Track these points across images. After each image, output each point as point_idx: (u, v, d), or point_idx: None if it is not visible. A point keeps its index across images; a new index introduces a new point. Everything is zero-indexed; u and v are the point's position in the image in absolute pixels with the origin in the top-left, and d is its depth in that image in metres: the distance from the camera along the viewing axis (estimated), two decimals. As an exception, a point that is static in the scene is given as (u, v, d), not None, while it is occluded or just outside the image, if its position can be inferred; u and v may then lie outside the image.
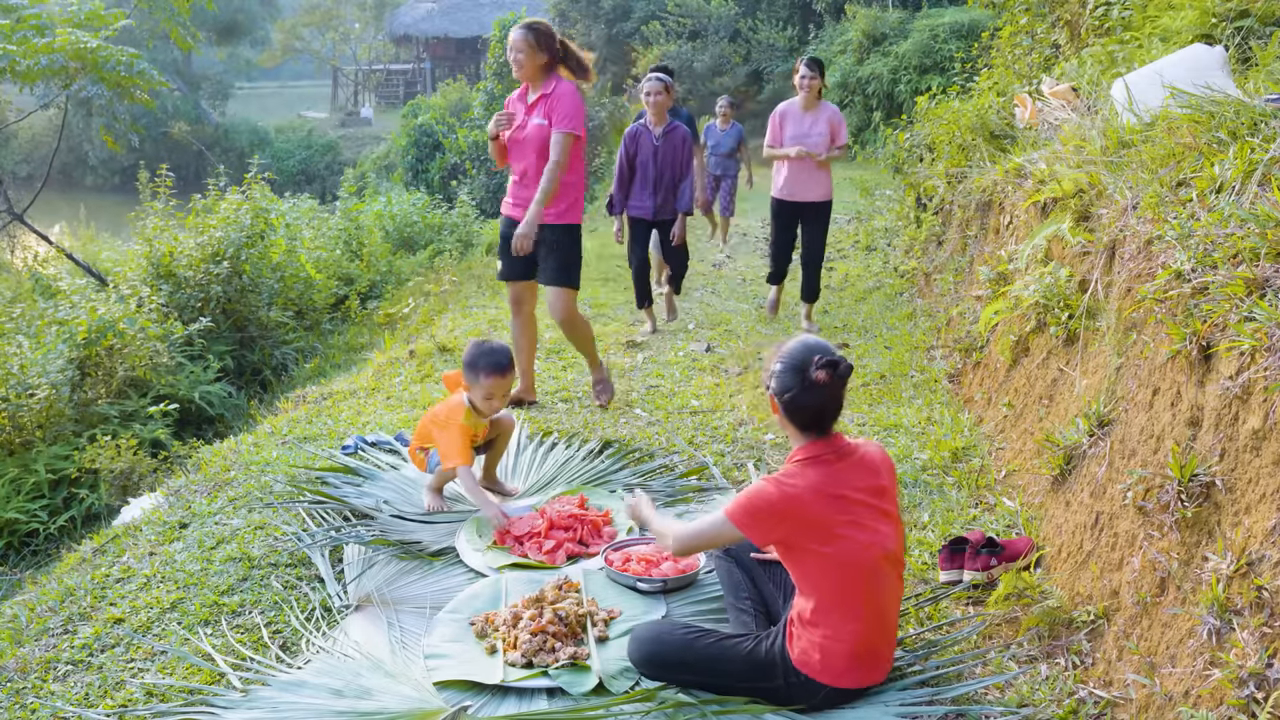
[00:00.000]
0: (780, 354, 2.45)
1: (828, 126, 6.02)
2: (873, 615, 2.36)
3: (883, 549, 2.35)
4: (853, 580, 2.33)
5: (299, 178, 26.35)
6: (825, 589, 2.34)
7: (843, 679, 2.37)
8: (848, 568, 2.32)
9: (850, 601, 2.33)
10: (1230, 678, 1.88)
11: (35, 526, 5.06)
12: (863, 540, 2.33)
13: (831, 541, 2.31)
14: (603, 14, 23.09)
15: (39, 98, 14.20)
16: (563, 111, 4.35)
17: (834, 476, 2.36)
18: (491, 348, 3.59)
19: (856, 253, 9.12)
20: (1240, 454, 2.11)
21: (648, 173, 6.05)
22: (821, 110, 6.06)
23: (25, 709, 2.55)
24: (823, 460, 2.38)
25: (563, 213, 4.51)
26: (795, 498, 2.32)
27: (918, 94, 9.20)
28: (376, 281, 10.90)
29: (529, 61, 4.36)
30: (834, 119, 6.06)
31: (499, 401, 3.61)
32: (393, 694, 2.52)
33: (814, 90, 5.99)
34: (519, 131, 4.50)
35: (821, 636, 2.34)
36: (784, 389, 2.39)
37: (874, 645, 2.38)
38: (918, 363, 5.22)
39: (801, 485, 2.33)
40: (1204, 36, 3.97)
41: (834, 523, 2.32)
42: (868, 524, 2.35)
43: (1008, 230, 4.64)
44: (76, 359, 6.02)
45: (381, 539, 3.36)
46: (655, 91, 5.95)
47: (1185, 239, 2.53)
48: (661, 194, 6.06)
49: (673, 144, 5.99)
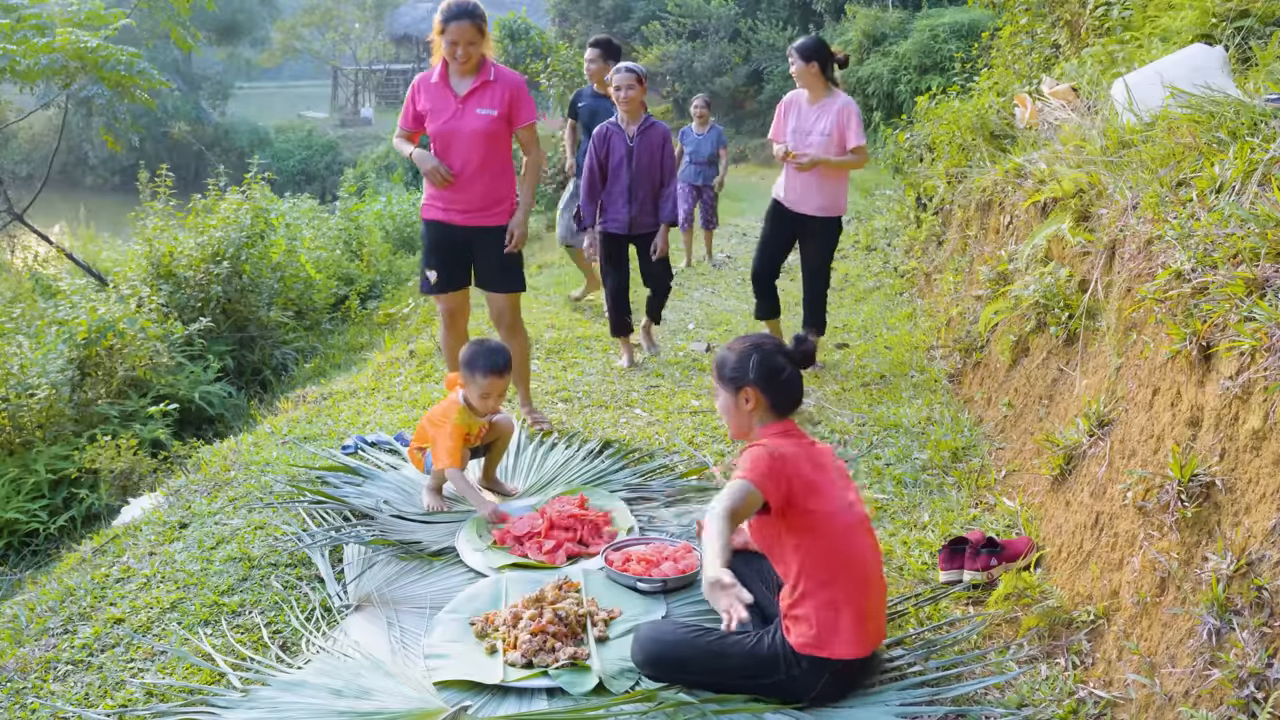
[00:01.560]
0: (746, 345, 2.58)
1: (835, 123, 4.92)
2: (860, 579, 2.43)
3: (856, 513, 2.50)
4: (843, 538, 2.43)
5: (299, 178, 26.32)
6: (816, 553, 2.41)
7: (843, 648, 2.38)
8: (837, 525, 2.42)
9: (837, 561, 2.41)
10: (1230, 678, 1.89)
11: (35, 526, 5.06)
12: (843, 502, 2.47)
13: (820, 499, 2.42)
14: (603, 14, 23.09)
15: (39, 98, 14.19)
16: (527, 103, 4.10)
17: (807, 446, 2.52)
18: (490, 347, 3.59)
19: (856, 253, 9.12)
20: (1240, 454, 2.11)
21: (621, 179, 5.24)
22: (829, 103, 4.97)
23: (25, 709, 2.55)
24: (794, 433, 2.55)
25: (507, 210, 4.19)
26: (787, 456, 2.44)
27: (918, 94, 9.20)
28: (376, 281, 10.89)
29: (478, 50, 4.01)
30: (843, 114, 4.93)
31: (495, 402, 3.61)
32: (393, 694, 2.52)
33: (814, 78, 4.96)
34: (454, 122, 4.07)
35: (814, 606, 2.39)
36: (769, 374, 2.51)
37: (866, 606, 2.42)
38: (918, 363, 5.22)
39: (787, 447, 2.47)
40: (1204, 36, 3.97)
41: (819, 481, 2.44)
42: (841, 489, 2.50)
43: (1008, 230, 4.64)
44: (76, 359, 6.02)
45: (381, 539, 3.37)
46: (626, 85, 5.16)
47: (1185, 239, 2.53)
48: (638, 203, 5.27)
49: (650, 144, 5.21)
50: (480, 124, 4.05)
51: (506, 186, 4.20)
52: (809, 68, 4.94)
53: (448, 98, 4.08)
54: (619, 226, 5.32)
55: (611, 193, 5.30)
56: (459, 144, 4.09)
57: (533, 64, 16.21)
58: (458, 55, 3.99)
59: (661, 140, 5.25)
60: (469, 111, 4.05)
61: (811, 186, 5.03)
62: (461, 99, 4.06)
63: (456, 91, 4.08)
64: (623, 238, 5.38)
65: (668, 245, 5.39)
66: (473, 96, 4.06)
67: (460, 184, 4.13)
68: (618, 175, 5.26)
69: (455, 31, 3.95)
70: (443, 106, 4.09)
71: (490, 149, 4.10)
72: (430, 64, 4.20)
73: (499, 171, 4.17)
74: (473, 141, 4.07)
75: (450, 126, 4.07)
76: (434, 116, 4.10)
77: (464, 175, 4.12)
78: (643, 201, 5.27)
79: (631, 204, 5.27)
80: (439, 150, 4.12)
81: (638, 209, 5.28)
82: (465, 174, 4.12)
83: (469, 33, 3.95)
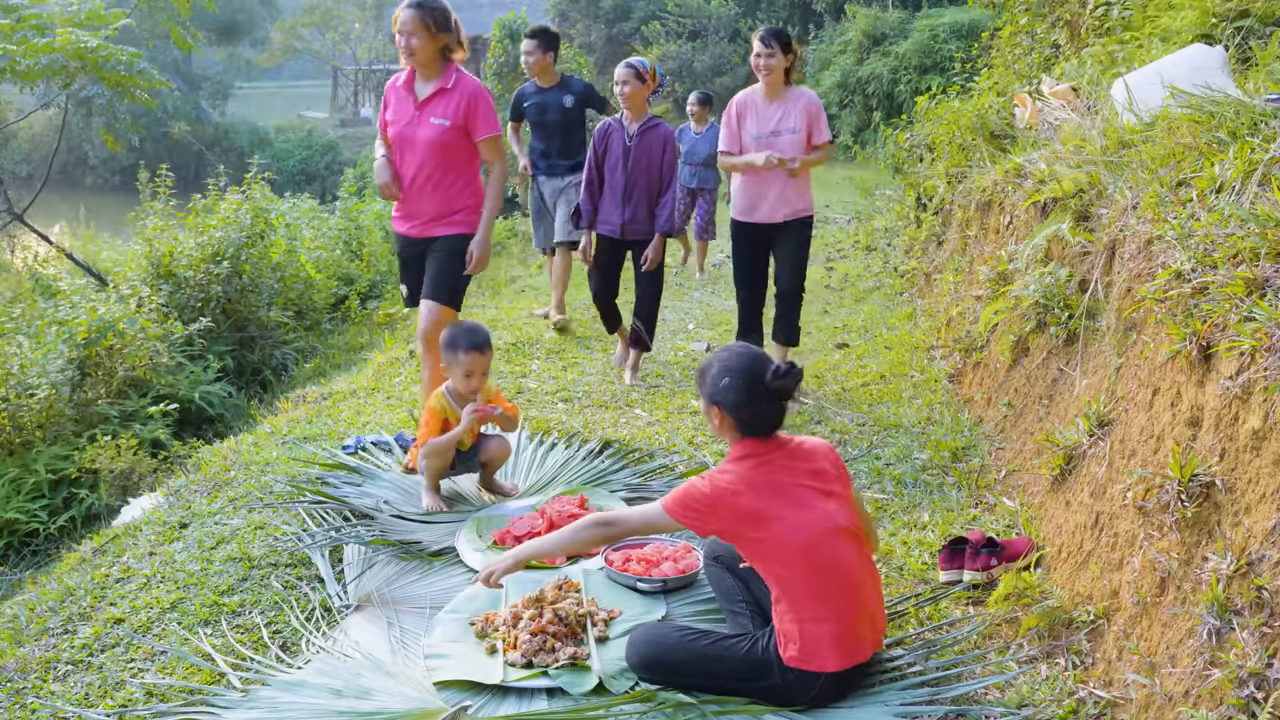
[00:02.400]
0: (721, 366, 2.49)
1: (803, 120, 4.64)
2: (835, 589, 2.37)
3: (830, 522, 2.40)
4: (803, 557, 2.37)
5: (299, 178, 26.30)
6: (781, 573, 2.39)
7: (828, 662, 2.36)
8: (793, 546, 2.37)
9: (806, 578, 2.37)
10: (1230, 678, 1.88)
11: (35, 526, 5.06)
12: (803, 518, 2.39)
13: (767, 526, 2.37)
14: (603, 14, 23.09)
15: (39, 98, 14.18)
16: (486, 115, 3.90)
17: (766, 467, 2.45)
18: (470, 326, 3.67)
19: (856, 253, 9.12)
20: (1240, 454, 2.11)
21: (616, 179, 5.00)
22: (792, 99, 4.66)
23: (25, 709, 2.55)
24: (755, 455, 2.47)
25: (463, 221, 4.01)
26: (726, 489, 2.40)
27: (918, 94, 9.19)
28: (376, 281, 10.89)
29: (424, 47, 3.81)
30: (811, 108, 4.66)
31: (478, 380, 3.64)
32: (393, 694, 2.52)
33: (777, 72, 4.60)
34: (409, 129, 3.91)
35: (793, 621, 2.37)
36: (737, 401, 2.43)
37: (847, 620, 2.38)
38: (918, 363, 5.22)
39: (731, 479, 2.42)
40: (1204, 36, 3.97)
41: (767, 507, 2.38)
42: (807, 503, 2.41)
43: (1008, 230, 4.63)
44: (76, 359, 6.02)
45: (381, 539, 3.37)
46: (623, 81, 4.91)
47: (1185, 239, 2.53)
48: (632, 207, 4.99)
49: (648, 145, 4.95)
50: (432, 133, 3.87)
51: (466, 198, 4.01)
52: (786, 60, 4.62)
53: (408, 102, 3.94)
54: (610, 229, 5.09)
55: (606, 193, 5.08)
56: (411, 152, 3.93)
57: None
58: (401, 46, 3.83)
59: (663, 143, 4.96)
60: (424, 119, 3.89)
61: (789, 191, 4.71)
62: (419, 105, 3.91)
63: (417, 96, 3.92)
64: (613, 241, 5.12)
65: (661, 256, 5.05)
66: (428, 103, 3.89)
67: (411, 194, 3.98)
68: (614, 175, 5.02)
69: (400, 20, 3.80)
70: (402, 111, 3.95)
71: (444, 159, 3.91)
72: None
73: (454, 183, 3.98)
74: (426, 151, 3.90)
75: (406, 133, 3.93)
76: (394, 121, 3.97)
77: (414, 186, 3.97)
78: (637, 205, 5.00)
79: (625, 207, 5.01)
80: (395, 156, 3.98)
81: (631, 213, 5.01)
82: (416, 184, 3.96)
83: (411, 23, 3.77)
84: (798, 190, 4.73)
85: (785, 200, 4.73)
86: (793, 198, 4.73)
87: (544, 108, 6.02)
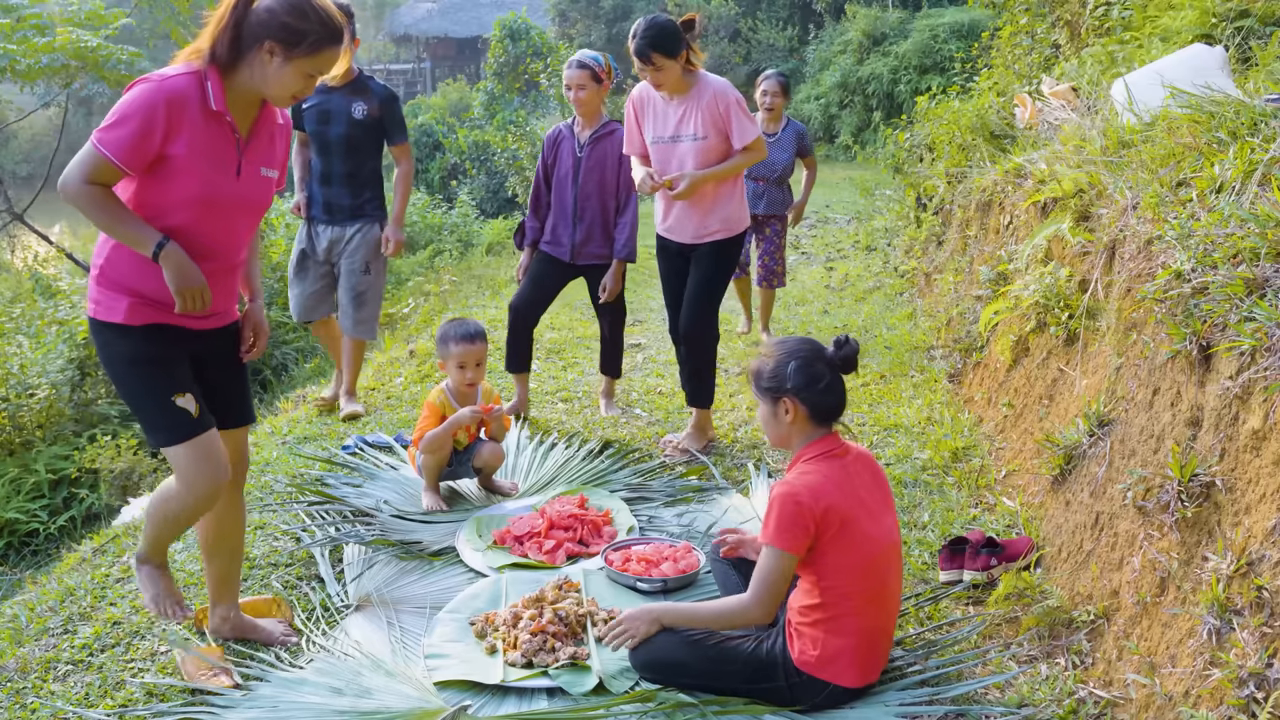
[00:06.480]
0: (783, 353, 2.44)
1: (705, 121, 3.68)
2: (878, 608, 2.37)
3: (891, 538, 2.40)
4: (866, 573, 2.34)
5: (299, 178, 26.26)
6: (838, 583, 2.33)
7: (843, 676, 2.36)
8: (864, 560, 2.33)
9: (860, 594, 2.34)
10: (1230, 678, 1.88)
11: (35, 526, 5.07)
12: (876, 533, 2.36)
13: (849, 535, 2.32)
14: (603, 14, 23.09)
15: (39, 97, 14.18)
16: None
17: (845, 471, 2.39)
18: (460, 320, 3.78)
19: (856, 253, 9.13)
20: (1240, 454, 2.11)
21: (565, 195, 4.31)
22: (695, 95, 3.70)
23: (25, 709, 2.55)
24: (833, 455, 2.41)
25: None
26: (816, 493, 2.31)
27: (918, 94, 9.20)
28: (376, 281, 10.85)
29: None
30: (718, 105, 3.66)
31: (471, 372, 3.69)
32: (393, 693, 2.52)
33: (672, 77, 3.63)
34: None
35: (825, 632, 2.35)
36: (808, 383, 2.38)
37: (875, 641, 2.39)
38: (918, 363, 5.22)
39: (817, 479, 2.34)
40: (1204, 36, 3.97)
41: (852, 516, 2.33)
42: (877, 514, 2.39)
43: (1008, 230, 4.63)
44: (76, 359, 6.02)
45: (381, 539, 3.37)
46: (579, 85, 4.17)
47: (1185, 239, 2.53)
48: (584, 228, 4.31)
49: (602, 156, 4.25)
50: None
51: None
52: (679, 61, 3.62)
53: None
54: (560, 252, 4.39)
55: (555, 210, 4.40)
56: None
57: (532, 64, 16.21)
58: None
59: (618, 153, 4.21)
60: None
61: (690, 210, 3.83)
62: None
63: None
64: (561, 265, 4.42)
65: (620, 286, 4.41)
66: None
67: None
68: (563, 189, 4.34)
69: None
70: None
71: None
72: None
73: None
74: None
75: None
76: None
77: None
78: (590, 226, 4.31)
79: (576, 227, 4.32)
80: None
81: (583, 235, 4.32)
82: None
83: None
84: (713, 208, 3.82)
85: (685, 220, 3.88)
86: (702, 216, 3.84)
87: (327, 112, 4.43)
